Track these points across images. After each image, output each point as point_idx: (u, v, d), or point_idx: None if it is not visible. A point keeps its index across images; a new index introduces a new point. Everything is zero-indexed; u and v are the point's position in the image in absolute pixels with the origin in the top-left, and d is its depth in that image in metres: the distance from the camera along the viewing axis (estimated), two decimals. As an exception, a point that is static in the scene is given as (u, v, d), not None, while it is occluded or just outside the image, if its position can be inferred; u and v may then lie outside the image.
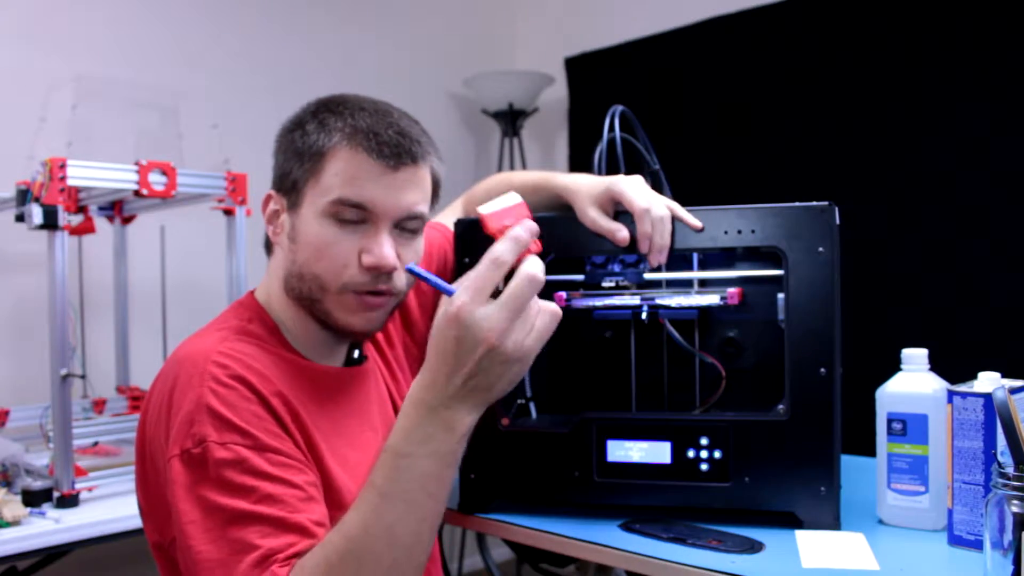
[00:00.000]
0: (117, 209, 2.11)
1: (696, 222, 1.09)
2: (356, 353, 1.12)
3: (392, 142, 0.96)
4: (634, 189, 1.10)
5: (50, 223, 1.55)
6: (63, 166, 1.56)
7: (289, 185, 0.99)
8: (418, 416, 0.82)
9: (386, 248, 0.96)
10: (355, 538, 0.81)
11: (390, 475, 0.82)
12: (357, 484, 0.99)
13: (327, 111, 0.99)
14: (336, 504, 0.94)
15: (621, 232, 1.10)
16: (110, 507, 1.59)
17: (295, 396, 0.95)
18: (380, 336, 1.17)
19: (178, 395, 0.90)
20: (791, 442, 1.06)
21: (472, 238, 1.17)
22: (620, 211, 1.12)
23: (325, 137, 0.97)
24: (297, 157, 0.98)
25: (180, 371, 0.92)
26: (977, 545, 0.97)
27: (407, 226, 1.00)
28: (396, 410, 1.14)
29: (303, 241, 0.98)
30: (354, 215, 0.96)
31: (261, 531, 0.83)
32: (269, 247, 1.07)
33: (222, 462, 0.85)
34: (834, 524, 1.06)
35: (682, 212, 1.10)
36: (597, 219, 1.11)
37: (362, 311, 0.99)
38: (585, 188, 1.13)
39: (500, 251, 0.81)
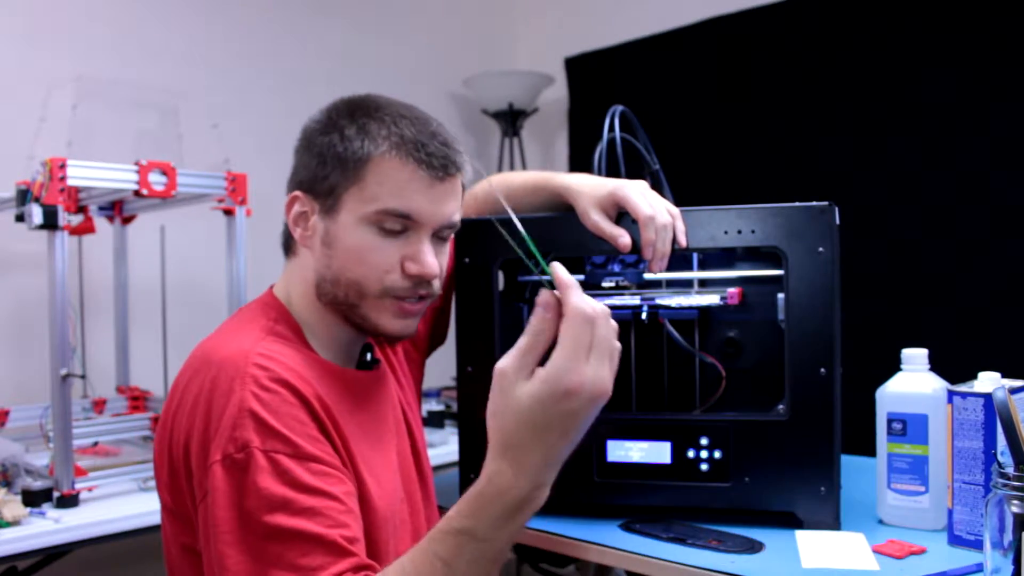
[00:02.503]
0: (117, 209, 2.11)
1: (683, 240, 1.09)
2: (368, 356, 1.12)
3: (439, 153, 0.98)
4: (639, 195, 1.10)
5: (50, 223, 1.55)
6: (63, 166, 1.56)
7: (325, 189, 0.98)
8: (505, 505, 0.77)
9: (430, 257, 0.99)
10: None
11: (464, 556, 0.78)
12: (383, 488, 1.00)
13: (366, 116, 0.98)
14: (367, 508, 0.94)
15: (624, 238, 1.10)
16: (110, 507, 1.59)
17: (330, 399, 0.95)
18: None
19: (219, 398, 0.89)
20: (791, 442, 1.07)
21: (472, 238, 1.17)
22: (622, 213, 1.12)
23: (370, 144, 0.96)
24: (337, 162, 0.97)
25: (219, 373, 0.90)
26: (977, 545, 0.98)
27: (442, 234, 1.02)
28: (405, 415, 1.14)
29: (341, 247, 0.98)
30: (397, 224, 0.97)
31: (299, 549, 0.82)
32: (289, 248, 1.06)
33: (264, 470, 0.85)
34: (834, 524, 1.06)
35: (679, 223, 1.10)
36: (599, 222, 1.11)
37: (400, 317, 1.01)
38: (588, 190, 1.13)
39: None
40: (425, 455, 1.17)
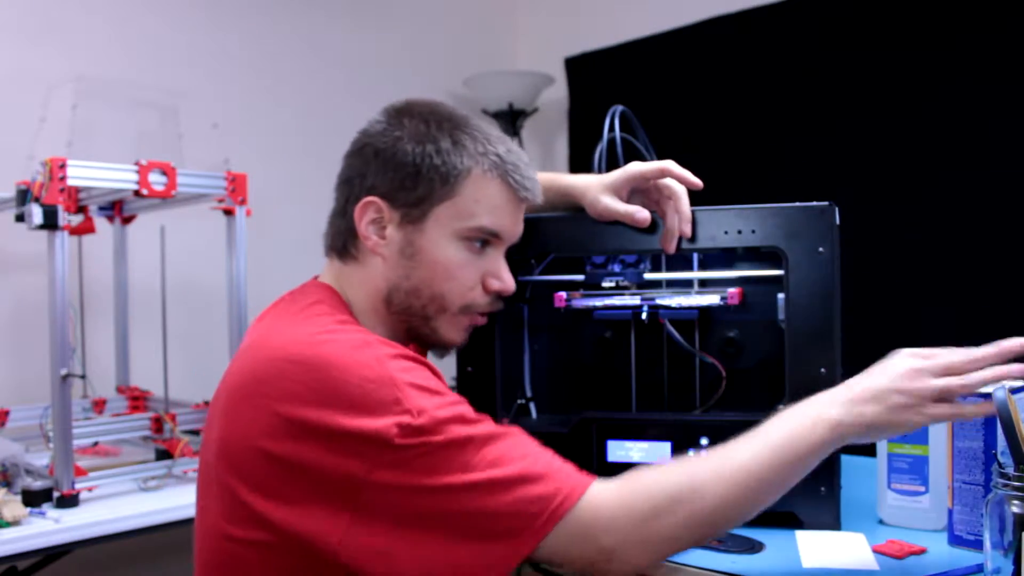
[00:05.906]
0: (117, 209, 2.11)
1: (696, 180, 1.10)
2: None
3: (530, 176, 1.01)
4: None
5: (50, 223, 1.55)
6: (63, 166, 1.56)
7: (411, 200, 0.96)
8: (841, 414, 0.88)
9: (509, 275, 1.01)
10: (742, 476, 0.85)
11: (797, 437, 0.87)
12: None
13: (456, 129, 0.98)
14: None
15: (640, 212, 1.11)
16: (110, 507, 1.59)
17: None
18: None
19: (354, 381, 0.83)
20: (791, 442, 1.06)
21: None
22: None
23: (469, 160, 0.97)
24: (433, 174, 0.96)
25: (332, 360, 0.85)
26: (977, 545, 0.98)
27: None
28: None
29: (428, 259, 0.97)
30: (482, 241, 0.99)
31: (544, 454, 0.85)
32: (346, 252, 1.01)
33: (450, 420, 0.82)
34: (834, 524, 1.06)
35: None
36: (611, 205, 1.12)
37: (466, 330, 1.03)
38: (596, 180, 1.14)
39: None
40: None
